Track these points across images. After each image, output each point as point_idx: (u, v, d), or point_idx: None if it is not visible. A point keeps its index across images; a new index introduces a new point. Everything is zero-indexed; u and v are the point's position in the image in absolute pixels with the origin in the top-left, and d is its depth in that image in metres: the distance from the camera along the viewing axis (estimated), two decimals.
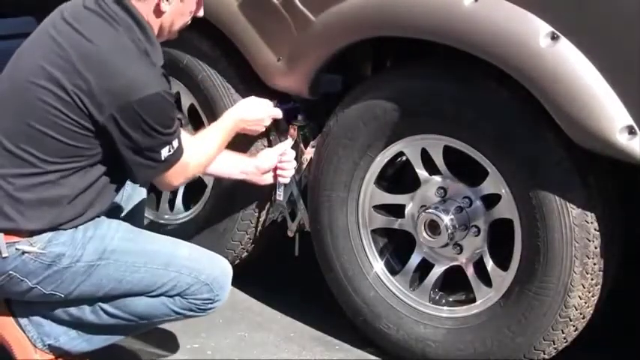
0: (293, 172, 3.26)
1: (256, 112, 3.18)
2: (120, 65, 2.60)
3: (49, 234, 2.68)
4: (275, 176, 3.25)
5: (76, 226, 2.71)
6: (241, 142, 3.25)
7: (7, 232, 2.65)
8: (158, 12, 2.71)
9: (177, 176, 2.81)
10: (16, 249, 2.66)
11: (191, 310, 2.84)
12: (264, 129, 3.24)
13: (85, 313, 2.81)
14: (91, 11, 2.66)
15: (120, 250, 2.75)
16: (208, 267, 2.83)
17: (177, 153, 2.74)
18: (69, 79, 2.60)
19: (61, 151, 2.63)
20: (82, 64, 2.60)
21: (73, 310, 2.81)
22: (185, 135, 2.88)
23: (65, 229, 2.69)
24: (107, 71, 2.59)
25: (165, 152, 2.69)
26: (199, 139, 3.01)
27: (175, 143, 2.71)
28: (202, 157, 2.92)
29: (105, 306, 2.80)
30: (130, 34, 2.65)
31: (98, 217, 2.78)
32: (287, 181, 3.27)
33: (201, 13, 2.85)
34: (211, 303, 2.84)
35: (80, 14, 2.67)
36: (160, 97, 2.61)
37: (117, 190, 2.83)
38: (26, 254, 2.67)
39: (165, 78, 2.69)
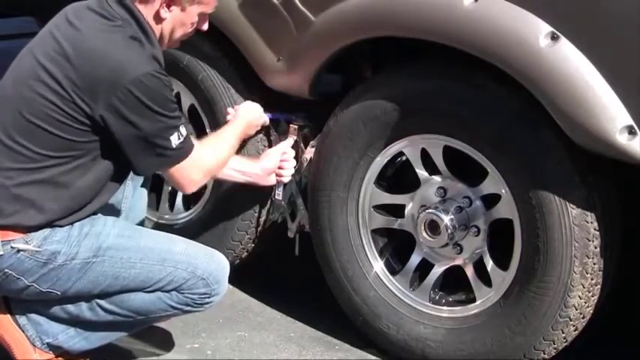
0: (293, 171, 3.26)
1: (258, 115, 3.24)
2: (108, 50, 2.62)
3: (45, 232, 2.69)
4: (275, 176, 3.25)
5: (72, 223, 2.72)
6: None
7: (4, 228, 2.66)
8: (158, 18, 2.74)
9: (195, 170, 2.81)
10: (12, 247, 2.67)
11: (188, 305, 2.84)
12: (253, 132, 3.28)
13: (83, 310, 2.82)
14: (92, 11, 2.69)
15: (115, 247, 2.76)
16: (204, 262, 2.84)
17: (188, 142, 2.75)
18: (63, 71, 2.62)
19: (57, 145, 2.65)
20: (74, 56, 2.63)
21: (70, 307, 2.82)
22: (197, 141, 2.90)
23: (62, 226, 2.70)
24: (96, 57, 2.61)
25: (175, 139, 2.69)
26: (213, 138, 3.04)
27: (183, 130, 2.72)
28: (216, 153, 2.93)
29: (102, 302, 2.81)
30: (127, 28, 2.67)
31: (95, 214, 2.78)
32: (287, 180, 3.27)
33: (205, 27, 2.87)
34: (208, 297, 2.85)
35: (81, 13, 2.71)
36: (153, 76, 2.62)
37: (116, 188, 2.83)
38: (22, 252, 2.68)
39: (157, 62, 2.69)
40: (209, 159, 2.89)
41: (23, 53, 2.76)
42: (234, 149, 3.06)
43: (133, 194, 3.13)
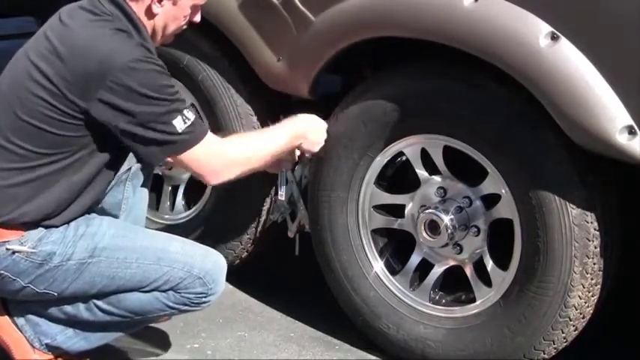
0: (295, 159, 3.15)
1: (319, 133, 3.06)
2: (95, 43, 2.62)
3: (40, 233, 2.70)
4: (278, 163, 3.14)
5: (67, 222, 2.72)
6: None
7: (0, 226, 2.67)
8: (150, 14, 2.73)
9: (215, 159, 2.74)
10: (7, 248, 2.68)
11: (185, 305, 2.83)
12: (316, 150, 3.08)
13: (80, 310, 2.82)
14: (83, 9, 2.70)
15: (111, 247, 2.76)
16: (201, 261, 2.83)
17: (198, 127, 2.69)
18: (54, 69, 2.63)
19: (52, 143, 2.65)
20: (64, 53, 2.63)
21: (68, 308, 2.82)
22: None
23: (57, 226, 2.70)
24: (84, 52, 2.61)
25: (180, 124, 2.64)
26: (251, 131, 2.98)
27: (189, 114, 2.66)
28: (246, 144, 2.85)
29: (99, 303, 2.81)
30: (115, 22, 2.67)
31: (90, 211, 2.79)
32: (289, 167, 3.19)
33: (197, 19, 2.85)
34: (205, 297, 2.84)
35: (73, 12, 2.72)
36: (140, 61, 2.61)
37: (109, 180, 2.82)
38: (17, 254, 2.68)
39: (146, 49, 2.67)
40: (234, 148, 2.80)
41: (19, 54, 2.77)
42: (278, 146, 2.88)
43: (133, 195, 3.12)
